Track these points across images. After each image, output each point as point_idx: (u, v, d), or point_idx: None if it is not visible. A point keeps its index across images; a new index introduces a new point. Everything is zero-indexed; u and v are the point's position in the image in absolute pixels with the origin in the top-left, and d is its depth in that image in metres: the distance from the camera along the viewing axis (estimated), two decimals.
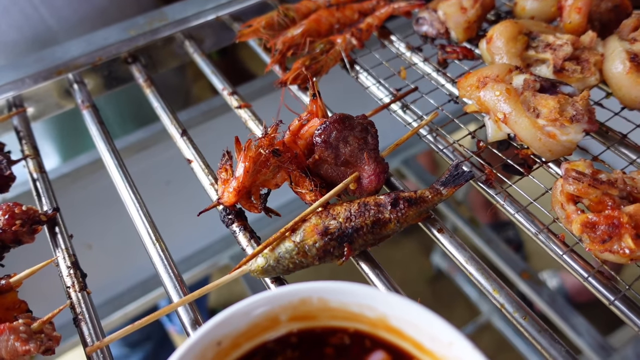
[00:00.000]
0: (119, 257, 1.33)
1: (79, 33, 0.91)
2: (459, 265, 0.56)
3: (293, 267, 0.53)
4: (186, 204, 1.08)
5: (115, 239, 1.24)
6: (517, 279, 1.80)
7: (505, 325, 2.29)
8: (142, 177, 1.11)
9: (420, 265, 2.50)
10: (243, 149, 0.58)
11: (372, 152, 0.59)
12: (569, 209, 0.53)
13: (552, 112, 0.58)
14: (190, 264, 1.45)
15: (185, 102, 1.32)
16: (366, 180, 0.59)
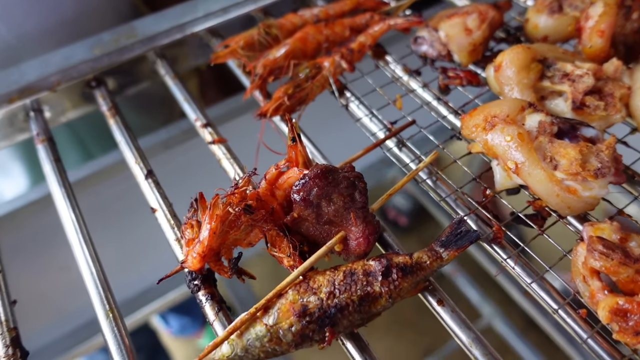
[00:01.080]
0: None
1: (44, 49, 0.82)
2: (462, 346, 0.47)
3: (264, 357, 0.45)
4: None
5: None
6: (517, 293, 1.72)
7: (507, 328, 2.23)
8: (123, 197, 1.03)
9: None
10: (209, 207, 0.50)
11: (360, 212, 0.50)
12: (593, 285, 0.45)
13: (574, 165, 0.49)
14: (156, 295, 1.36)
15: (170, 114, 1.23)
16: (354, 243, 0.50)
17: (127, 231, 1.11)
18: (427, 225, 2.70)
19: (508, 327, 2.22)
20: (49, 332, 1.23)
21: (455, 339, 0.48)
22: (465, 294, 2.38)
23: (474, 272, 2.37)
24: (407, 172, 0.61)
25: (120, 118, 0.70)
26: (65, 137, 1.06)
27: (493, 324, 2.28)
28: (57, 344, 1.24)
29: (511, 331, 2.21)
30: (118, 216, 1.06)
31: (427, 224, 2.68)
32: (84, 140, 1.08)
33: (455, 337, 0.48)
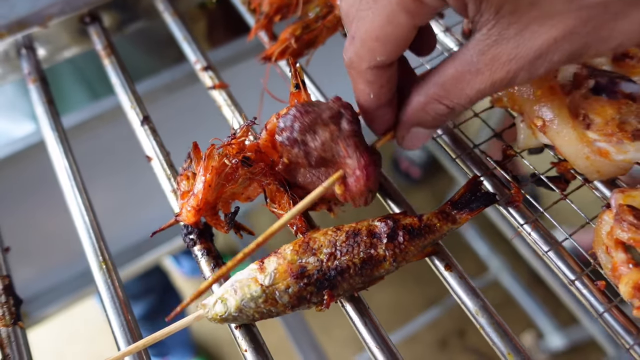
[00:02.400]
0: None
1: None
2: (468, 314, 0.45)
3: (259, 317, 0.43)
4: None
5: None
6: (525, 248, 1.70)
7: (513, 282, 2.24)
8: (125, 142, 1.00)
9: None
10: (203, 158, 0.46)
11: (351, 140, 0.44)
12: (617, 257, 0.41)
13: (610, 124, 0.43)
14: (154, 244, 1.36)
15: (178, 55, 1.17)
16: (352, 179, 0.45)
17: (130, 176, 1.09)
18: (439, 178, 2.66)
19: (515, 281, 2.23)
20: (45, 279, 1.25)
21: (462, 306, 0.45)
22: (474, 247, 2.38)
23: (483, 226, 2.35)
24: None
25: (116, 58, 0.65)
26: (71, 76, 1.02)
27: (500, 278, 2.29)
28: (54, 291, 1.27)
29: (517, 285, 2.22)
30: (119, 161, 1.04)
31: (440, 176, 2.64)
32: (90, 79, 1.03)
33: (462, 304, 0.45)
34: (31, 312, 1.37)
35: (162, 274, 2.00)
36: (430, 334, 2.36)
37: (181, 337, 2.05)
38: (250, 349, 0.43)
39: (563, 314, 2.12)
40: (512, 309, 2.25)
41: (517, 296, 2.21)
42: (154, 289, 1.91)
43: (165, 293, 1.94)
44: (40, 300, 1.35)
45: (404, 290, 2.41)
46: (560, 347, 2.06)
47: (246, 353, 0.43)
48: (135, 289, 1.81)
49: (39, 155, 0.83)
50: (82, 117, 0.92)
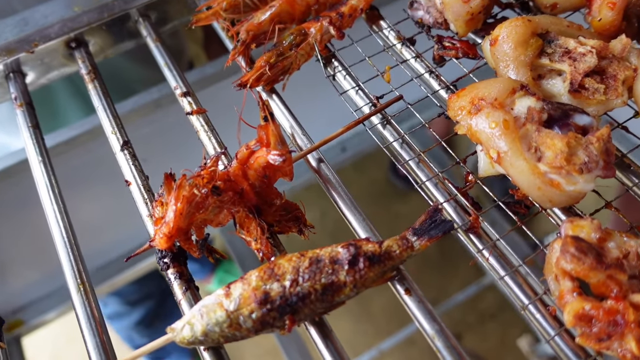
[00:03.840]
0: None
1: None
2: (426, 338, 0.47)
3: (224, 341, 0.45)
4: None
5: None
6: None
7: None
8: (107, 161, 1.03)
9: None
10: (175, 188, 0.48)
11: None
12: (563, 285, 0.43)
13: (558, 157, 0.46)
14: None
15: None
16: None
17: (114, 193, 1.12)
18: None
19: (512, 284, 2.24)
20: (42, 286, 1.28)
21: (420, 329, 0.47)
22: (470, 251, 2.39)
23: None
24: (387, 153, 0.58)
25: (99, 83, 0.67)
26: (67, 90, 1.04)
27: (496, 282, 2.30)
28: (50, 297, 1.29)
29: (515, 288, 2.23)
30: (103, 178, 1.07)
31: None
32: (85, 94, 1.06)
33: (420, 326, 0.47)
34: (28, 319, 1.40)
35: (161, 278, 2.02)
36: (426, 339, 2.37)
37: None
38: None
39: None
40: (508, 314, 2.26)
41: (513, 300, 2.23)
42: (153, 295, 1.94)
43: (164, 298, 1.96)
44: (36, 307, 1.38)
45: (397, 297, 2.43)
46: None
47: None
48: (134, 295, 1.84)
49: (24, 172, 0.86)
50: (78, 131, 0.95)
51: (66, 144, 0.94)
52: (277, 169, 0.53)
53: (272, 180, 0.53)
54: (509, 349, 2.22)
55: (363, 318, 2.30)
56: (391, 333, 2.24)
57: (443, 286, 2.32)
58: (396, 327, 2.27)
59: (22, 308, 1.38)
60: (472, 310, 2.30)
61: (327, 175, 0.57)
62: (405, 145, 0.58)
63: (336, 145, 1.55)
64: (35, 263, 1.23)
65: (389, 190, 2.51)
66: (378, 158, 2.49)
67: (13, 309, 1.34)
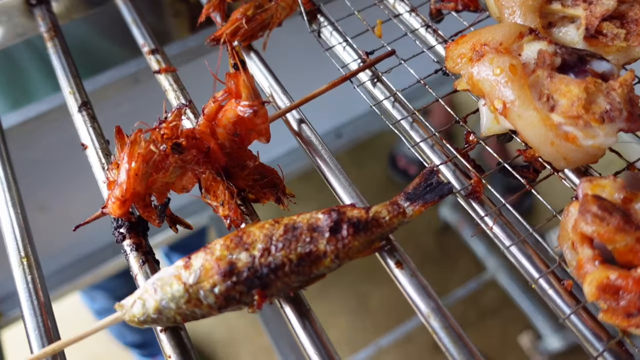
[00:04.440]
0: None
1: None
2: (419, 316, 0.40)
3: (182, 319, 0.39)
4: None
5: None
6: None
7: (510, 282, 2.18)
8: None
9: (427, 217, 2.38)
10: (127, 144, 0.42)
11: None
12: (582, 253, 0.36)
13: (575, 105, 0.39)
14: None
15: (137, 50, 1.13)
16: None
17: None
18: None
19: (512, 281, 2.17)
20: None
21: (413, 307, 0.41)
22: (471, 246, 2.32)
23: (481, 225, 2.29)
24: (378, 112, 0.51)
25: (60, 41, 0.61)
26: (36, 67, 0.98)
27: (497, 277, 2.24)
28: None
29: (515, 285, 2.16)
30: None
31: None
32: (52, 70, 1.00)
33: (413, 304, 0.41)
34: (6, 312, 1.33)
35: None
36: (426, 335, 2.30)
37: None
38: (175, 355, 0.39)
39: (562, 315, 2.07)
40: (509, 310, 2.19)
41: (514, 296, 2.16)
42: None
43: None
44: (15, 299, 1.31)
45: (398, 290, 2.36)
46: (558, 348, 2.01)
47: (170, 359, 0.39)
48: (122, 289, 1.77)
49: None
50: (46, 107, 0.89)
51: (36, 120, 0.88)
52: (250, 127, 0.46)
53: (244, 140, 0.47)
54: (510, 346, 2.16)
55: (361, 314, 2.23)
56: (390, 329, 2.17)
57: (443, 282, 2.25)
58: (395, 323, 2.20)
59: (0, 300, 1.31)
60: (473, 307, 2.24)
61: (309, 137, 0.50)
62: (398, 104, 0.51)
63: (331, 131, 1.48)
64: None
65: (389, 185, 2.44)
66: (376, 149, 2.43)
67: None
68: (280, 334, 1.34)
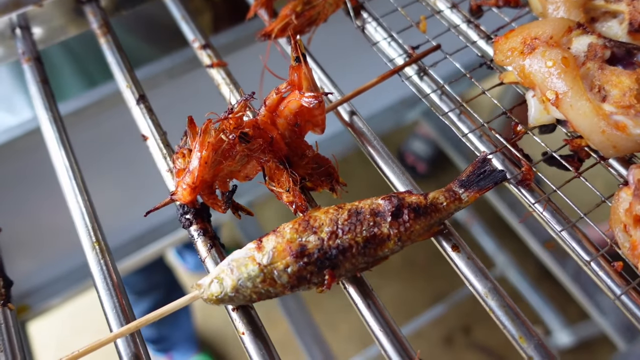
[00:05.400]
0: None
1: None
2: (477, 297, 0.43)
3: (257, 298, 0.41)
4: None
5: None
6: (539, 249, 1.67)
7: (520, 278, 2.20)
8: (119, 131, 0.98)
9: None
10: (199, 134, 0.44)
11: None
12: (636, 235, 0.39)
13: (627, 95, 0.41)
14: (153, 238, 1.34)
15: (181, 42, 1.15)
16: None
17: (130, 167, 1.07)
18: (446, 173, 2.62)
19: (522, 277, 2.19)
20: (47, 270, 1.24)
21: (470, 288, 0.43)
22: (480, 243, 2.34)
23: (490, 220, 2.32)
24: (427, 103, 0.54)
25: (112, 37, 0.63)
26: (68, 63, 1.00)
27: (506, 274, 2.25)
28: (56, 283, 1.25)
29: (525, 281, 2.18)
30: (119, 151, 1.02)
31: (447, 171, 2.60)
32: (86, 68, 1.02)
33: (470, 286, 0.43)
34: (34, 304, 1.36)
35: (167, 269, 1.98)
36: (436, 331, 2.33)
37: (185, 332, 2.03)
38: (248, 332, 0.41)
39: (572, 310, 2.08)
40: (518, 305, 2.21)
41: (524, 292, 2.18)
42: (159, 286, 1.89)
43: (171, 289, 1.92)
44: (43, 292, 1.34)
45: (409, 285, 2.39)
46: (568, 344, 2.03)
47: (243, 336, 0.41)
48: (140, 286, 1.79)
49: (37, 143, 0.81)
50: (79, 104, 0.91)
51: (73, 115, 0.90)
52: (309, 118, 0.48)
53: (302, 130, 0.49)
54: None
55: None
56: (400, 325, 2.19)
57: (452, 278, 2.27)
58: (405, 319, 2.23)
59: (29, 293, 1.34)
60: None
61: (361, 128, 0.52)
62: (445, 96, 0.53)
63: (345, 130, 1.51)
64: (42, 245, 1.19)
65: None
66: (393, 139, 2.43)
67: (19, 293, 1.30)
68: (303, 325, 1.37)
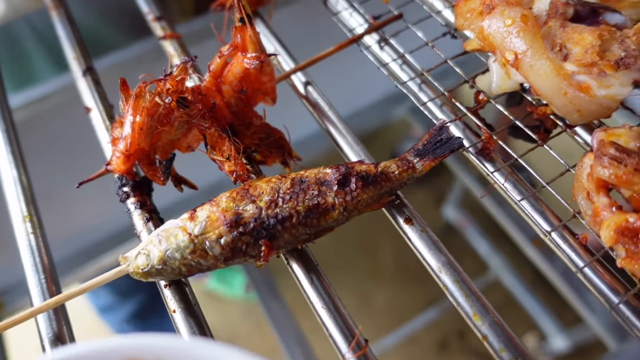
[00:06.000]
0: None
1: None
2: (430, 272, 0.39)
3: (187, 271, 0.38)
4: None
5: None
6: (527, 246, 1.63)
7: (515, 282, 2.16)
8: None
9: (430, 216, 2.36)
10: (132, 96, 0.41)
11: None
12: (599, 201, 0.35)
13: (589, 53, 0.38)
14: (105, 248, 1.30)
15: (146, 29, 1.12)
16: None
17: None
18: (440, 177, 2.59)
19: (516, 281, 2.15)
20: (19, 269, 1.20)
21: (424, 263, 0.40)
22: (474, 246, 2.30)
23: (483, 224, 2.28)
24: (386, 72, 0.51)
25: (65, 11, 0.60)
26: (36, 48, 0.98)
27: (501, 277, 2.21)
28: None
29: (519, 285, 2.14)
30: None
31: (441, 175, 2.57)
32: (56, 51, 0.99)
33: (424, 260, 0.40)
34: (8, 303, 1.32)
35: None
36: (430, 335, 2.28)
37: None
38: (180, 309, 0.38)
39: (567, 315, 2.04)
40: (513, 310, 2.17)
41: (519, 296, 2.13)
42: (145, 287, 1.86)
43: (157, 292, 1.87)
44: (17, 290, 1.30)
45: (402, 290, 2.35)
46: (564, 349, 1.98)
47: (174, 314, 0.38)
48: (125, 286, 1.76)
49: None
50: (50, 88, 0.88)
51: (39, 102, 0.87)
52: (257, 86, 0.45)
53: (250, 98, 0.46)
54: None
55: (364, 314, 2.20)
56: (392, 330, 2.15)
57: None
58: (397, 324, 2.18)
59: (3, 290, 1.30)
60: None
61: (315, 99, 0.49)
62: (406, 66, 0.51)
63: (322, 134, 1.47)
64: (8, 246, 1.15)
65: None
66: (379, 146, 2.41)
67: None
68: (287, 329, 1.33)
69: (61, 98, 0.90)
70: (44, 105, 0.90)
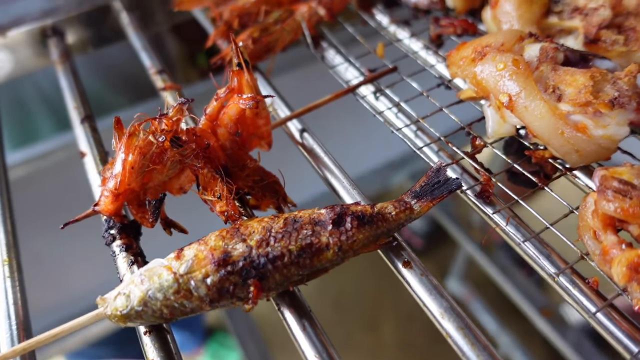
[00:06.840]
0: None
1: None
2: (431, 318, 0.36)
3: (169, 314, 0.35)
4: None
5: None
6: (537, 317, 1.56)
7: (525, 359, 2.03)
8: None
9: None
10: (125, 134, 0.41)
11: None
12: (607, 240, 0.34)
13: (582, 93, 0.38)
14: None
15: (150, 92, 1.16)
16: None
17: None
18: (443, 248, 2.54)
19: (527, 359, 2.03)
20: None
21: (424, 309, 0.37)
22: (481, 322, 2.20)
23: (491, 298, 2.19)
24: (381, 119, 0.51)
25: (71, 66, 0.62)
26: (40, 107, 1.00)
27: (511, 356, 2.09)
28: None
29: None
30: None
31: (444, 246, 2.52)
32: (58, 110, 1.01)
33: (424, 306, 0.37)
34: None
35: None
36: None
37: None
38: (159, 359, 0.35)
39: None
40: None
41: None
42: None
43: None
44: None
45: (410, 327, 2.18)
46: None
47: None
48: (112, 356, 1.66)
49: None
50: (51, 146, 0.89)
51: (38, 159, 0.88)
52: (252, 130, 0.45)
53: (246, 141, 0.46)
54: None
55: (377, 352, 1.99)
56: None
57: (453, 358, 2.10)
58: None
59: None
60: None
61: (311, 145, 0.49)
62: (402, 114, 0.51)
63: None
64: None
65: None
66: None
67: None
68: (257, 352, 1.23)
69: (61, 156, 0.90)
70: (43, 162, 0.90)
